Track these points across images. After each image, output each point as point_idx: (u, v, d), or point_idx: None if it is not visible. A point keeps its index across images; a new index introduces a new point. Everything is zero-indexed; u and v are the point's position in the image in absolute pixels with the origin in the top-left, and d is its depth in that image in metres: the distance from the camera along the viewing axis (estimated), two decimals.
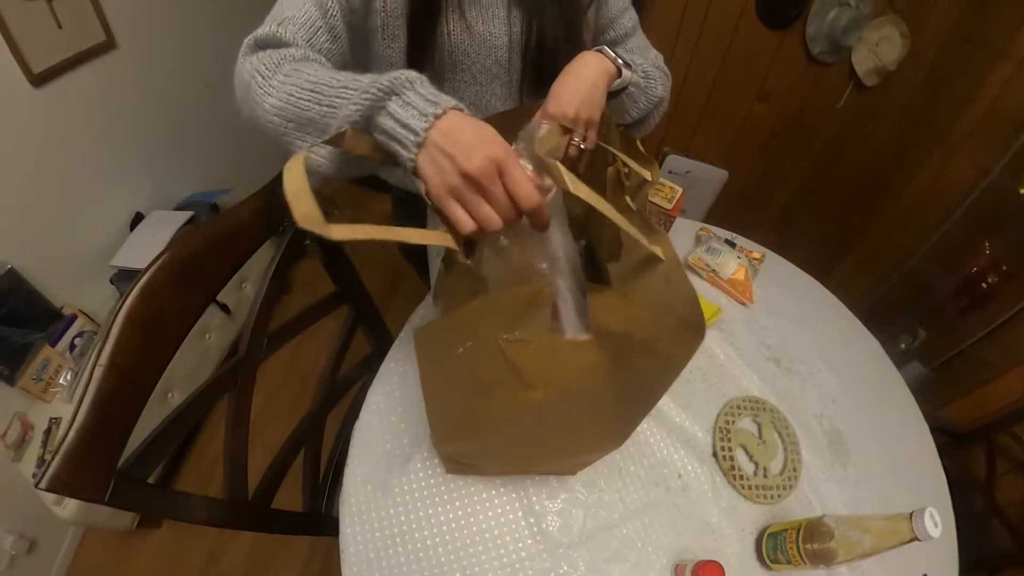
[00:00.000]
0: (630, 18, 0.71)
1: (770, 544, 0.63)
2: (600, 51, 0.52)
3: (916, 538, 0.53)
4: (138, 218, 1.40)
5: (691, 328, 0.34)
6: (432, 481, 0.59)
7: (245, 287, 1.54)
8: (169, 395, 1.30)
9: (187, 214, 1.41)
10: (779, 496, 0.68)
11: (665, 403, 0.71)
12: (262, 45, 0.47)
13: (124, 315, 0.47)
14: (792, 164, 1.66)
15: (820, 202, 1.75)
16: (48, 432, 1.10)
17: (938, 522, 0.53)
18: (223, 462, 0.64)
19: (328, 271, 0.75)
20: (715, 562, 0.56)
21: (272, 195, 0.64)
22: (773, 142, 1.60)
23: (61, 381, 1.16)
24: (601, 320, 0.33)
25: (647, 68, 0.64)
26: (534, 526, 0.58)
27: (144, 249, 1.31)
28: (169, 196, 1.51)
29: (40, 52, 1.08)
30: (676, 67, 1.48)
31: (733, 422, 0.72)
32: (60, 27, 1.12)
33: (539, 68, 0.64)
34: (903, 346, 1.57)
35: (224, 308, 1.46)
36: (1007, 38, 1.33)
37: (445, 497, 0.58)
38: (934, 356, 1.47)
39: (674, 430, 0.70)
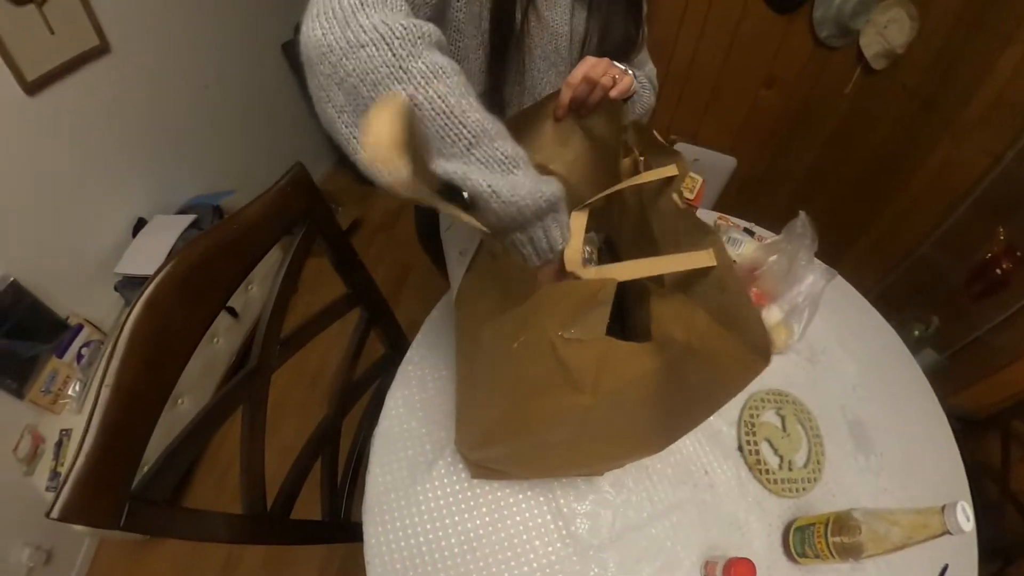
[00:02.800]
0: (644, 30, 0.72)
1: (797, 538, 0.63)
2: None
3: (948, 531, 0.52)
4: (140, 223, 1.38)
5: (756, 352, 0.32)
6: (457, 487, 0.58)
7: (251, 289, 1.53)
8: (179, 401, 1.29)
9: (190, 218, 1.39)
10: (804, 489, 0.68)
11: None
12: None
13: (129, 332, 0.46)
14: (800, 150, 1.64)
15: (829, 188, 1.73)
16: (59, 444, 1.09)
17: (970, 516, 0.52)
18: (241, 476, 0.62)
19: (339, 272, 0.73)
20: (747, 560, 0.55)
21: (282, 196, 0.63)
22: (780, 128, 1.58)
23: (70, 392, 1.15)
24: (664, 327, 0.31)
25: (643, 80, 0.69)
26: (563, 528, 0.57)
27: (147, 255, 1.29)
28: (171, 200, 1.50)
29: (33, 59, 1.06)
30: (681, 54, 1.48)
31: (757, 415, 0.72)
32: (52, 33, 1.09)
33: None
34: (916, 333, 1.55)
35: (231, 311, 1.45)
36: (1017, 22, 1.31)
37: (471, 503, 0.57)
38: (948, 343, 1.46)
39: (700, 426, 0.68)
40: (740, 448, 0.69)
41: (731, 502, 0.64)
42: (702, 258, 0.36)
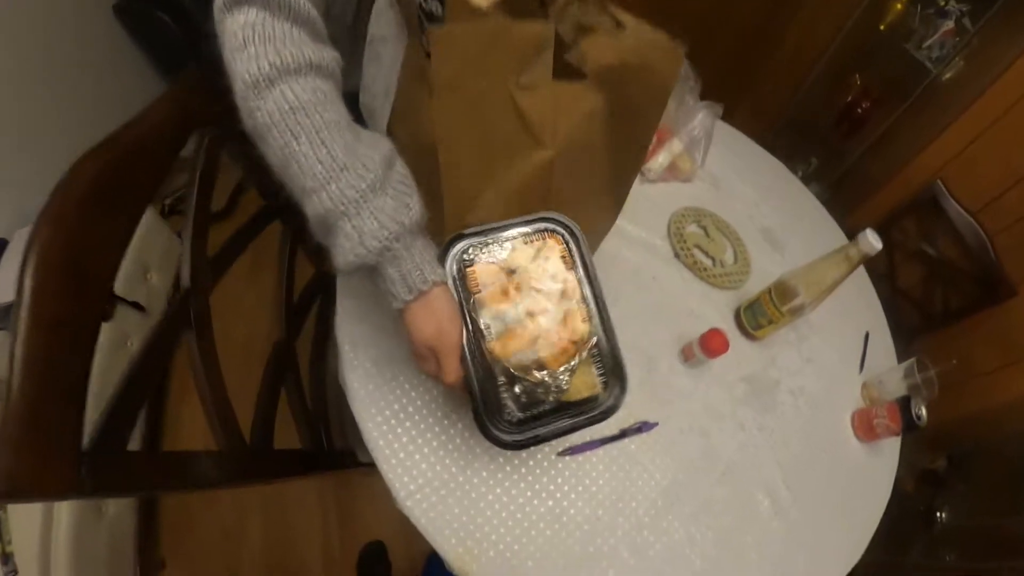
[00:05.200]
0: None
1: (749, 315, 0.71)
2: None
3: (867, 254, 0.61)
4: (2, 244, 1.20)
5: (675, 48, 0.39)
6: None
7: (151, 278, 1.39)
8: None
9: None
10: (741, 281, 0.78)
11: (622, 222, 0.75)
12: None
13: (36, 255, 0.40)
14: (678, 28, 1.72)
15: (712, 57, 1.84)
16: None
17: (878, 237, 0.62)
18: (207, 413, 0.58)
19: (254, 182, 0.69)
20: (716, 329, 0.63)
21: (177, 101, 0.58)
22: (653, 10, 1.64)
23: None
24: (596, 59, 0.35)
25: None
26: None
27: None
28: (32, 210, 1.29)
29: None
30: None
31: (683, 228, 0.79)
32: None
33: None
34: (800, 173, 1.75)
35: (137, 307, 1.32)
36: None
37: None
38: (828, 177, 1.68)
39: (636, 242, 0.76)
40: (676, 255, 0.77)
41: (683, 298, 0.73)
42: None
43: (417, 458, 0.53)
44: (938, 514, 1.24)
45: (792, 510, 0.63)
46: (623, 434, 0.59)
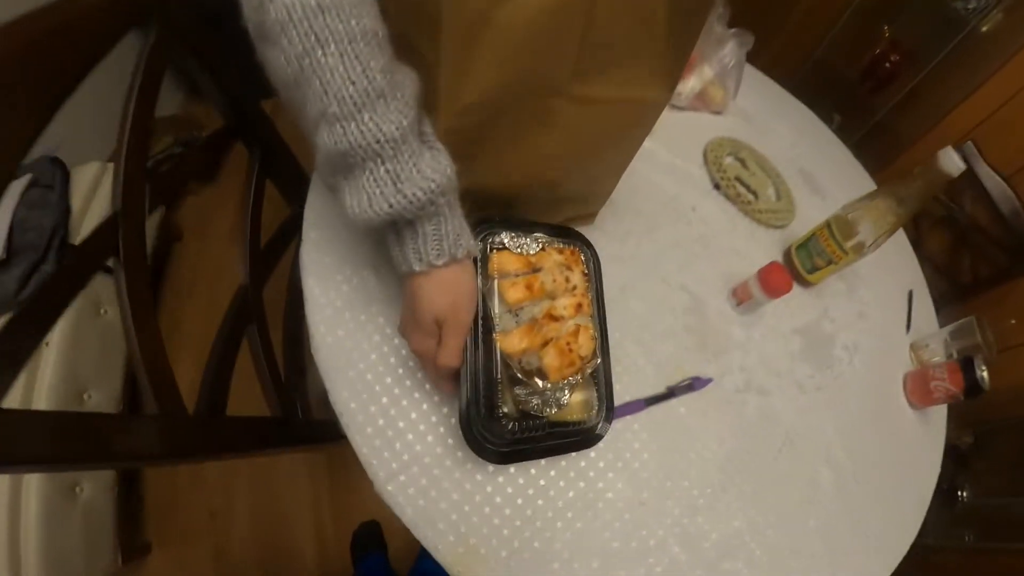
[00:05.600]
0: None
1: (803, 255, 0.61)
2: None
3: (949, 176, 0.50)
4: None
5: None
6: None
7: None
8: (85, 396, 1.03)
9: (24, 179, 1.07)
10: (787, 219, 0.68)
11: (652, 144, 0.65)
12: None
13: None
14: None
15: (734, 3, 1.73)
16: None
17: (958, 155, 0.51)
18: (132, 363, 0.47)
19: (213, 98, 0.55)
20: (777, 263, 0.54)
21: None
22: None
23: None
24: None
25: None
26: None
27: None
28: None
29: None
30: None
31: (720, 158, 0.70)
32: None
33: None
34: None
35: (107, 270, 1.17)
36: None
37: None
38: (851, 135, 1.57)
39: (671, 169, 0.66)
40: (717, 186, 0.67)
41: (727, 235, 0.64)
42: None
43: (402, 426, 0.40)
44: (960, 492, 1.18)
45: (851, 483, 0.54)
46: (671, 393, 0.47)
